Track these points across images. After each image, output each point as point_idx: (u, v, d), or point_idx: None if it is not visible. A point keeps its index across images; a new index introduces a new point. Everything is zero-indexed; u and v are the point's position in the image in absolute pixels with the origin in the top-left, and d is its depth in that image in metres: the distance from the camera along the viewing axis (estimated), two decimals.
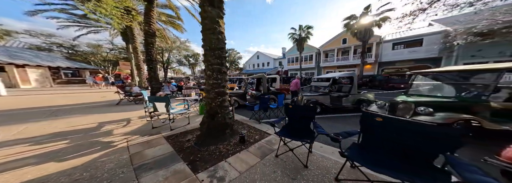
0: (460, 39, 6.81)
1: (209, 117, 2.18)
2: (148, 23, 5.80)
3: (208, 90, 2.17)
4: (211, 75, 2.11)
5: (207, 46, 2.05)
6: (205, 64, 2.13)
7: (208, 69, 2.12)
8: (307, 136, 1.68)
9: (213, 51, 2.07)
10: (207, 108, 2.21)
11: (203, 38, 2.09)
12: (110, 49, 18.06)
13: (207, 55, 2.09)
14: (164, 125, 2.90)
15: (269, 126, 2.85)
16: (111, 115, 3.77)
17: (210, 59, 2.08)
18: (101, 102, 5.54)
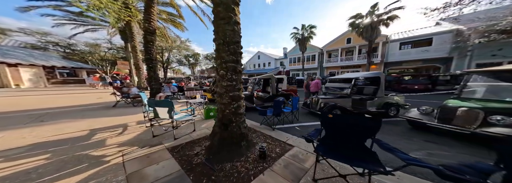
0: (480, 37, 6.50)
1: (221, 126, 1.80)
2: (148, 20, 5.45)
3: (220, 94, 1.79)
4: (224, 75, 1.73)
5: (221, 39, 1.68)
6: (217, 62, 1.76)
7: (221, 68, 1.74)
8: (363, 159, 1.21)
9: (227, 45, 1.70)
10: (219, 116, 1.83)
11: (216, 30, 1.72)
12: (108, 49, 17.67)
13: (220, 50, 1.71)
14: (166, 133, 2.52)
15: (287, 134, 2.48)
16: (106, 119, 3.39)
17: (223, 56, 1.71)
18: (96, 104, 5.15)
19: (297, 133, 2.73)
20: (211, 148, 1.84)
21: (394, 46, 14.51)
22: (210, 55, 27.21)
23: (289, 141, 2.22)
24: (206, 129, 2.77)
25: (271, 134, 2.47)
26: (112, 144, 2.16)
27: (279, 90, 5.39)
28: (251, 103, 4.48)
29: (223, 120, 1.80)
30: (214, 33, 1.77)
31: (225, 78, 1.75)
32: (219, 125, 1.83)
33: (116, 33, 12.93)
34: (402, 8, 10.78)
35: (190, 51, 24.05)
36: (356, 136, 1.40)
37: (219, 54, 1.73)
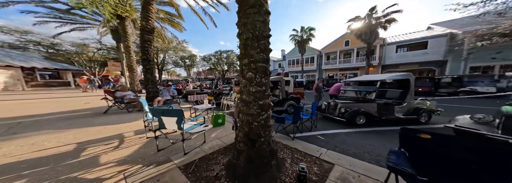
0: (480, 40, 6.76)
1: (248, 142, 1.49)
2: (146, 18, 5.09)
3: (247, 102, 1.48)
4: (253, 78, 1.43)
5: (249, 33, 1.38)
6: (243, 61, 1.46)
7: (248, 69, 1.43)
8: None
9: (257, 40, 1.40)
10: (245, 130, 1.50)
11: (242, 22, 1.42)
12: (97, 49, 16.77)
13: (248, 47, 1.41)
14: (173, 145, 2.17)
15: (314, 146, 2.18)
16: (97, 129, 2.94)
17: (252, 54, 1.41)
18: (83, 110, 4.61)
19: (321, 143, 2.47)
20: (234, 170, 1.51)
21: (391, 49, 15.00)
22: (207, 56, 26.79)
23: (324, 156, 1.91)
24: (218, 139, 2.44)
25: (295, 146, 2.17)
26: (108, 162, 1.77)
27: (287, 93, 5.15)
28: None
29: (250, 134, 1.48)
30: (239, 26, 1.47)
31: (253, 83, 1.44)
32: (244, 141, 1.50)
33: (107, 33, 12.27)
34: (399, 12, 11.18)
35: (187, 52, 23.53)
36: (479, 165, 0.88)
37: (247, 51, 1.42)
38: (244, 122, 1.53)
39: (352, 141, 2.57)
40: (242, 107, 1.53)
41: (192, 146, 2.19)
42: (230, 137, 2.52)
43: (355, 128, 3.12)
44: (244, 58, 1.46)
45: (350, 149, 2.28)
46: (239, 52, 1.52)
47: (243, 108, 1.52)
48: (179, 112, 1.81)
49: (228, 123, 3.27)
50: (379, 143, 2.48)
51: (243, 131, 1.54)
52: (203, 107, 3.34)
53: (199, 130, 2.05)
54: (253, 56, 1.42)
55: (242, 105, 1.53)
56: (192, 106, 3.66)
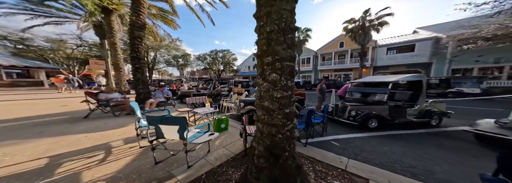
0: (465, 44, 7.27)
1: (270, 158, 1.26)
2: (137, 12, 4.65)
3: (270, 110, 1.24)
4: (278, 81, 1.20)
5: (274, 24, 1.14)
6: (266, 59, 1.21)
7: (272, 70, 1.20)
8: None
9: (283, 34, 1.16)
10: (266, 143, 1.27)
11: (264, 12, 1.17)
12: (77, 45, 15.34)
13: (272, 42, 1.17)
14: (172, 157, 1.88)
15: (332, 154, 2.01)
16: (76, 138, 2.50)
17: (278, 50, 1.17)
18: (59, 115, 4.03)
19: (337, 149, 2.30)
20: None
21: (382, 51, 15.76)
22: (202, 56, 26.02)
23: (351, 168, 1.70)
24: (223, 148, 2.19)
25: (311, 154, 1.98)
26: (94, 181, 1.45)
27: None
28: None
29: (273, 149, 1.25)
30: (259, 17, 1.23)
31: (278, 86, 1.20)
32: (266, 156, 1.27)
33: (89, 28, 11.25)
34: (391, 15, 11.74)
35: (180, 51, 22.60)
36: None
37: (270, 48, 1.19)
38: (265, 134, 1.28)
39: (371, 148, 2.41)
40: (262, 115, 1.28)
41: (195, 157, 1.91)
42: (237, 144, 2.28)
43: (367, 132, 2.99)
44: (267, 56, 1.21)
45: (373, 157, 2.11)
46: (258, 49, 1.28)
47: (265, 117, 1.27)
48: (182, 119, 1.54)
49: (231, 128, 3.02)
50: (402, 150, 2.33)
51: (263, 144, 1.30)
52: (205, 110, 3.04)
53: (204, 139, 1.78)
54: (278, 53, 1.18)
55: (262, 113, 1.28)
56: (191, 109, 3.33)
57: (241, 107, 3.86)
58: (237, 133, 2.78)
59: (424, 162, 1.98)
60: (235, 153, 2.02)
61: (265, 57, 1.23)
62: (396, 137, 2.88)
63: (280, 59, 1.20)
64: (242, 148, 2.15)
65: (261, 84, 1.27)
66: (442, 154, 2.22)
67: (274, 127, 1.25)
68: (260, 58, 1.27)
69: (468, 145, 2.51)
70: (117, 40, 8.24)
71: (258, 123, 1.35)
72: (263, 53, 1.24)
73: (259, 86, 1.30)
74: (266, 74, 1.24)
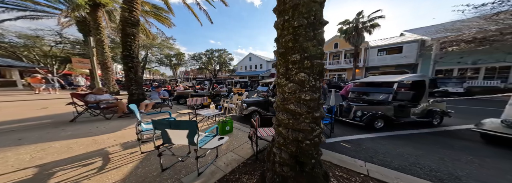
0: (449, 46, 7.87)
1: (296, 166, 1.18)
2: (130, 8, 4.40)
3: (296, 114, 1.16)
4: (306, 81, 1.11)
5: (303, 18, 1.05)
6: (293, 57, 1.11)
7: (299, 69, 1.11)
8: None
9: (313, 29, 1.08)
10: (291, 149, 1.19)
11: (290, 5, 1.08)
12: (56, 43, 14.17)
13: (300, 37, 1.07)
14: (180, 163, 1.77)
15: (347, 157, 1.97)
16: (65, 145, 2.27)
17: (307, 47, 1.08)
18: (39, 118, 3.66)
19: (350, 152, 2.25)
20: None
21: (373, 52, 16.56)
22: (198, 55, 25.37)
23: (374, 173, 1.62)
24: (231, 152, 2.11)
25: (325, 158, 1.93)
26: None
27: None
28: (266, 110, 3.97)
29: (300, 156, 1.17)
30: (283, 11, 1.12)
31: (307, 87, 1.11)
32: (290, 165, 1.18)
33: (71, 24, 10.45)
34: (382, 17, 12.38)
35: (174, 50, 21.84)
36: None
37: (298, 44, 1.08)
38: (290, 140, 1.19)
39: (384, 150, 2.35)
40: (286, 119, 1.19)
41: (203, 162, 1.83)
42: (245, 148, 2.21)
43: (374, 133, 2.99)
44: (293, 54, 1.11)
45: (391, 160, 2.04)
46: (280, 46, 1.18)
47: (289, 121, 1.18)
48: (192, 124, 1.44)
49: (236, 130, 2.96)
50: (417, 152, 2.27)
51: (287, 151, 1.21)
52: (210, 112, 2.92)
53: (214, 144, 1.68)
54: (307, 50, 1.08)
55: (287, 117, 1.19)
56: (192, 111, 3.20)
57: (244, 108, 3.80)
58: (242, 135, 2.73)
59: (444, 165, 1.94)
60: (244, 157, 1.95)
61: (290, 55, 1.13)
62: (404, 138, 2.88)
63: (309, 57, 1.09)
64: (251, 152, 2.08)
65: (285, 85, 1.18)
66: (456, 155, 2.19)
67: (301, 132, 1.16)
68: (284, 56, 1.17)
69: (475, 145, 2.54)
70: (105, 37, 7.74)
71: (280, 127, 1.25)
72: (288, 51, 1.14)
73: (281, 87, 1.21)
74: (292, 74, 1.15)
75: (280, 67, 1.22)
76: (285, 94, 1.20)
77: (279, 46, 1.21)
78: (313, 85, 1.15)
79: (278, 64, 1.25)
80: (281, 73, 1.22)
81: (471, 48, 7.42)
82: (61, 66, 15.12)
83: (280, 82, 1.23)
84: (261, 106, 3.94)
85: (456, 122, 3.74)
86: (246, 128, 3.11)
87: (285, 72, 1.19)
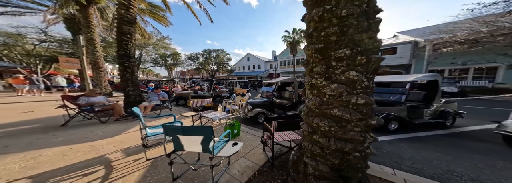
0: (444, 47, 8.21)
1: (339, 180, 1.07)
2: (126, 5, 4.22)
3: (342, 121, 1.01)
4: (358, 81, 0.97)
5: (352, 6, 0.93)
6: (340, 53, 0.96)
7: (348, 66, 0.97)
8: None
9: (367, 18, 0.96)
10: (333, 161, 1.04)
11: None
12: (40, 41, 13.43)
13: (350, 28, 0.93)
14: (191, 171, 1.68)
15: (371, 163, 1.84)
16: (59, 152, 2.10)
17: (360, 39, 0.94)
18: (24, 123, 3.40)
19: (372, 157, 2.10)
20: None
21: None
22: (194, 55, 24.98)
23: (389, 176, 1.56)
24: (243, 158, 2.00)
25: None
26: None
27: (300, 96, 4.94)
28: (271, 112, 3.93)
29: (345, 170, 1.04)
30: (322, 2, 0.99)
31: (359, 89, 0.97)
32: (333, 179, 1.05)
33: (57, 22, 9.95)
34: None
35: (170, 50, 21.37)
36: None
37: (347, 37, 0.92)
38: (331, 150, 1.04)
39: (408, 154, 2.23)
40: (327, 127, 1.03)
41: (215, 169, 1.74)
42: (257, 153, 2.13)
43: (389, 135, 2.89)
44: (339, 49, 0.94)
45: (422, 167, 1.90)
46: (317, 40, 1.02)
47: (331, 129, 1.02)
48: (207, 130, 1.35)
49: (243, 134, 2.88)
50: (445, 157, 2.15)
51: (327, 163, 1.06)
52: (217, 115, 2.82)
53: (230, 151, 1.58)
54: (361, 43, 0.92)
55: (329, 124, 1.03)
56: (196, 114, 3.09)
57: (249, 110, 3.73)
58: (251, 139, 2.66)
59: (482, 173, 1.82)
60: (259, 164, 1.87)
61: (334, 50, 0.96)
62: (421, 140, 2.78)
63: (364, 52, 0.92)
64: (264, 157, 2.01)
65: (324, 86, 1.01)
66: (489, 161, 2.07)
67: (350, 143, 1.00)
68: (322, 52, 1.00)
69: (500, 148, 2.46)
70: (96, 36, 7.42)
71: (315, 135, 1.11)
72: (330, 45, 0.96)
73: (318, 89, 1.06)
74: (336, 72, 0.98)
75: (316, 65, 1.07)
76: (325, 96, 1.04)
77: (314, 41, 1.06)
78: (366, 86, 0.97)
79: (311, 62, 1.11)
80: (317, 73, 1.07)
81: (464, 49, 7.78)
82: (46, 66, 14.32)
83: (315, 83, 1.09)
84: (266, 107, 3.89)
85: (466, 123, 3.63)
86: (252, 131, 3.04)
87: (324, 71, 1.02)
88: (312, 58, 1.11)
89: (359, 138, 0.99)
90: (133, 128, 3.12)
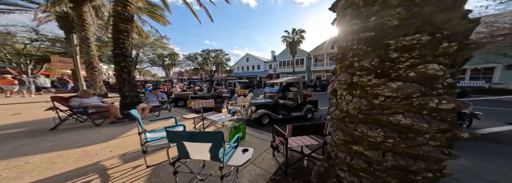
0: None
1: None
2: (124, 2, 4.04)
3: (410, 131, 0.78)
4: (440, 77, 0.72)
5: None
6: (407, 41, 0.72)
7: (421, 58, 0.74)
8: None
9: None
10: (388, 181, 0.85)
11: None
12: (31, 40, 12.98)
13: (425, 6, 0.69)
14: (196, 180, 1.52)
15: None
16: (47, 158, 1.90)
17: (446, 20, 0.70)
18: (12, 126, 3.15)
19: None
20: None
21: None
22: (193, 55, 24.75)
23: None
24: (252, 164, 1.84)
25: None
26: None
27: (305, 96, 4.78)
28: (276, 113, 3.79)
29: None
30: None
31: (439, 88, 0.74)
32: None
33: (50, 20, 9.63)
34: None
35: (168, 50, 21.09)
36: None
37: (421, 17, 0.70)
38: (384, 167, 0.82)
39: None
40: (384, 138, 0.79)
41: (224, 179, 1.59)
42: (266, 159, 1.97)
43: None
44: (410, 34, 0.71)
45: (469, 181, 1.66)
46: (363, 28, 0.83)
47: (391, 141, 0.79)
48: (217, 135, 1.19)
49: (248, 137, 2.73)
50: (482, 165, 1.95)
51: (378, 181, 0.87)
52: (222, 117, 2.65)
53: (241, 160, 1.40)
54: (447, 25, 0.67)
55: (386, 134, 0.79)
56: (199, 116, 2.92)
57: (253, 111, 3.59)
58: (257, 142, 2.51)
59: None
60: (270, 171, 1.71)
61: (397, 38, 0.72)
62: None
63: (451, 36, 0.66)
64: (275, 164, 1.86)
65: (377, 85, 0.78)
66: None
67: (421, 160, 0.77)
68: (374, 42, 0.78)
69: None
70: (91, 35, 7.16)
71: (360, 147, 0.88)
72: (388, 32, 0.74)
73: (366, 88, 0.83)
74: (400, 67, 0.73)
75: (361, 59, 0.84)
76: (376, 98, 0.81)
77: (358, 30, 0.85)
78: (449, 84, 0.72)
79: (350, 55, 0.89)
80: (361, 68, 0.84)
81: None
82: (37, 66, 13.84)
83: (359, 81, 0.85)
84: (270, 108, 3.76)
85: (481, 124, 3.46)
86: (257, 133, 2.90)
87: (377, 66, 0.79)
88: (353, 50, 0.89)
89: (438, 155, 0.74)
90: (130, 131, 2.93)
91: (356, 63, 0.89)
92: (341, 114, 1.01)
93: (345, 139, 0.98)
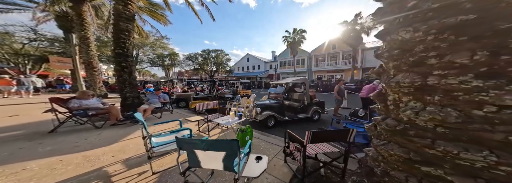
0: None
1: None
2: (125, 1, 3.95)
3: None
4: None
5: None
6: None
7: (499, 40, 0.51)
8: None
9: None
10: None
11: None
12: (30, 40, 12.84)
13: None
14: None
15: None
16: (46, 164, 1.80)
17: None
18: (9, 129, 3.04)
19: None
20: None
21: (370, 53, 17.16)
22: (193, 55, 24.66)
23: None
24: (266, 173, 1.72)
25: None
26: None
27: (311, 97, 4.68)
28: (282, 115, 3.70)
29: None
30: None
31: None
32: None
33: (49, 19, 9.52)
34: None
35: (168, 50, 20.98)
36: None
37: None
38: None
39: None
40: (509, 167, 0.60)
41: None
42: (278, 165, 1.85)
43: None
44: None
45: None
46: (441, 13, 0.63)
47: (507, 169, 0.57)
48: (232, 144, 1.09)
49: (255, 140, 2.64)
50: None
51: None
52: (229, 120, 2.55)
53: (257, 170, 1.28)
54: None
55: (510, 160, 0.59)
56: (204, 118, 2.83)
57: (258, 113, 3.50)
58: (264, 146, 2.41)
59: None
60: (284, 180, 1.59)
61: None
62: None
63: None
64: (288, 171, 1.74)
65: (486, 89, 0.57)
66: None
67: None
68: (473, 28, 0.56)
69: None
70: (91, 35, 7.06)
71: (435, 169, 0.69)
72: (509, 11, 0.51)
73: (457, 93, 0.63)
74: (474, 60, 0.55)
75: (445, 54, 0.63)
76: (483, 107, 0.59)
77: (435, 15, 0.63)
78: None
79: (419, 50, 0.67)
80: (453, 66, 0.61)
81: None
82: (36, 66, 13.70)
83: (444, 83, 0.63)
84: (276, 110, 3.67)
85: None
86: (264, 137, 2.81)
87: (484, 61, 0.57)
88: (426, 43, 0.66)
89: None
90: (133, 134, 2.83)
91: (434, 60, 0.66)
92: (400, 124, 0.80)
93: (407, 156, 0.77)
